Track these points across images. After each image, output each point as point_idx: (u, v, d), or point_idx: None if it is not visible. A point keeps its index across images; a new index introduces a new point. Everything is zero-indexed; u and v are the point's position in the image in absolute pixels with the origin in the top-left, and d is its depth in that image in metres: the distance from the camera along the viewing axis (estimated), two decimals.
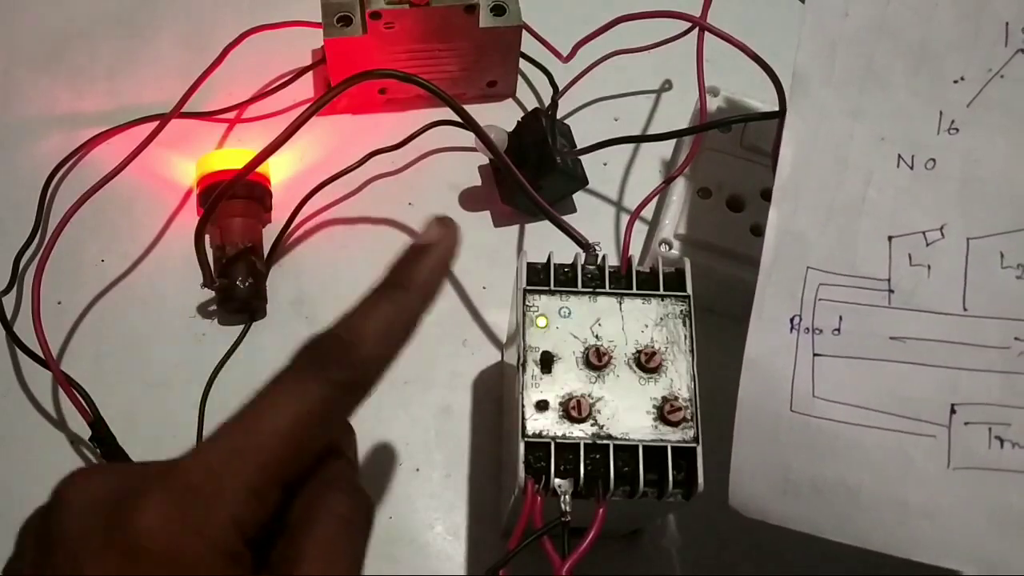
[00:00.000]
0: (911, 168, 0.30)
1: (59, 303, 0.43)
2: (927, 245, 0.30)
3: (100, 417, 0.38)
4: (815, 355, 0.29)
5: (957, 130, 0.30)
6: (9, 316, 0.41)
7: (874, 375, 0.29)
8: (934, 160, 0.30)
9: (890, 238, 0.30)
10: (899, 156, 0.30)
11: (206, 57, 0.46)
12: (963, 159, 0.30)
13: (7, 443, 0.40)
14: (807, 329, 0.29)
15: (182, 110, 0.45)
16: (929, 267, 0.29)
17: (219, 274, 0.42)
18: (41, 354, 0.39)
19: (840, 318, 0.29)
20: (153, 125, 0.45)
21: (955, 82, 0.30)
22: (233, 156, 0.44)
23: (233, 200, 0.42)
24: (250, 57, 0.47)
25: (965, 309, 0.29)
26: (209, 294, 0.43)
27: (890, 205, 0.30)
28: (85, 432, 0.38)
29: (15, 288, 0.42)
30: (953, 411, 0.28)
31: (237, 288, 0.42)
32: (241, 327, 0.43)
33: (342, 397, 0.22)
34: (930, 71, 0.31)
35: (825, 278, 0.30)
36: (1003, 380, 0.28)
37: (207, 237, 0.42)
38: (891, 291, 0.29)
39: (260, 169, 0.41)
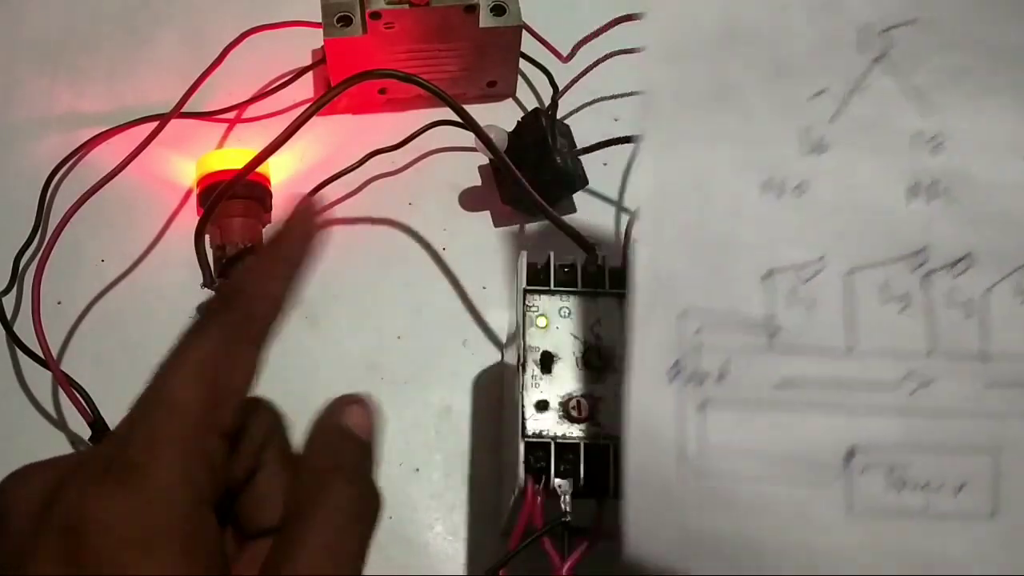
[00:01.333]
0: (780, 195, 0.27)
1: (59, 303, 0.43)
2: (807, 280, 0.27)
3: (100, 417, 0.38)
4: (702, 404, 0.26)
5: (824, 148, 0.27)
6: (9, 316, 0.41)
7: (766, 423, 0.26)
8: (803, 183, 0.27)
9: (770, 272, 0.27)
10: (765, 183, 0.27)
11: (206, 57, 0.46)
12: (834, 181, 0.27)
13: (7, 443, 0.40)
14: (690, 376, 0.26)
15: (182, 110, 0.45)
16: (811, 303, 0.27)
17: (219, 274, 0.42)
18: (41, 354, 0.39)
19: (727, 361, 0.26)
20: (153, 125, 0.45)
21: (817, 95, 0.28)
22: (233, 156, 0.44)
23: (233, 200, 0.42)
24: (250, 57, 0.47)
25: (852, 347, 0.26)
26: (209, 294, 0.43)
27: (763, 237, 0.27)
28: (85, 432, 0.38)
29: (15, 288, 0.42)
30: (851, 455, 0.26)
31: None
32: None
33: (237, 332, 0.23)
34: (789, 83, 0.28)
35: (706, 317, 0.27)
36: (899, 420, 0.26)
37: (207, 237, 0.42)
38: (775, 330, 0.27)
39: (260, 169, 0.41)
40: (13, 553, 0.19)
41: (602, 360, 0.31)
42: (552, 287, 0.32)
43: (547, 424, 0.30)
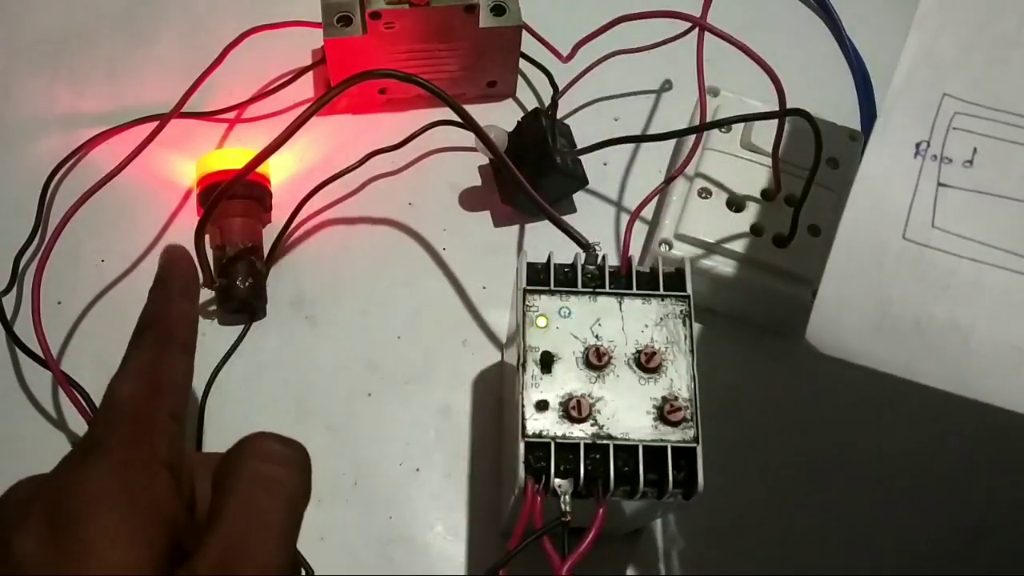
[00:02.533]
0: None
1: (59, 303, 0.43)
2: None
3: None
4: (940, 184, 0.26)
5: None
6: (9, 316, 0.41)
7: (1003, 213, 0.26)
8: None
9: None
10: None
11: (206, 57, 0.46)
12: None
13: (7, 443, 0.40)
14: (935, 156, 0.26)
15: (182, 110, 0.45)
16: None
17: (219, 274, 0.42)
18: (41, 354, 0.39)
19: (974, 150, 0.26)
20: (153, 125, 0.45)
21: None
22: (233, 156, 0.44)
23: (233, 200, 0.42)
24: (250, 57, 0.47)
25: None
26: (209, 294, 0.43)
27: None
28: (85, 432, 0.38)
29: (15, 288, 0.42)
30: None
31: (237, 288, 0.42)
32: (241, 327, 0.43)
33: (164, 340, 0.27)
34: None
35: (963, 107, 0.27)
36: None
37: (207, 237, 0.42)
38: None
39: (260, 169, 0.41)
40: (2, 540, 0.21)
41: (601, 360, 0.31)
42: (552, 287, 0.32)
43: (547, 424, 0.30)
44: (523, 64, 0.49)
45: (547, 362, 0.31)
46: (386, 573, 0.38)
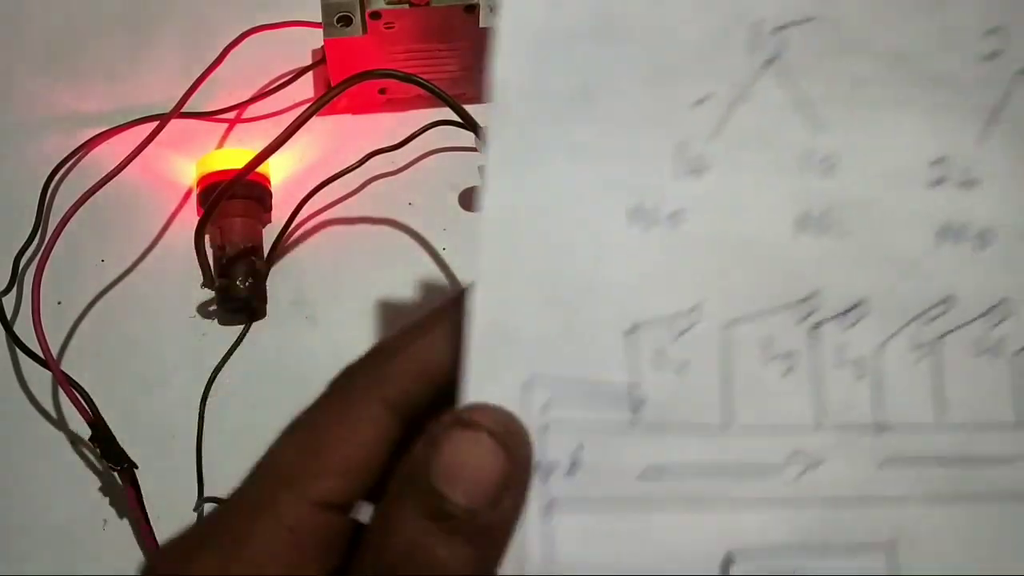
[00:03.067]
0: (650, 226, 0.22)
1: (59, 303, 0.43)
2: (679, 336, 0.22)
3: (100, 417, 0.38)
4: (550, 502, 0.21)
5: (703, 169, 0.23)
6: (9, 316, 0.41)
7: (629, 526, 0.21)
8: (678, 212, 0.22)
9: (635, 326, 0.22)
10: (636, 209, 0.22)
11: (206, 57, 0.46)
12: (713, 209, 0.22)
13: (7, 443, 0.40)
14: (535, 469, 0.21)
15: (182, 110, 0.45)
16: (682, 366, 0.22)
17: (219, 274, 0.42)
18: (41, 354, 0.39)
19: (580, 447, 0.21)
20: (153, 125, 0.45)
21: (698, 103, 0.22)
22: (233, 156, 0.44)
23: (233, 200, 0.42)
24: (250, 57, 0.47)
25: (728, 423, 0.22)
26: (209, 294, 0.43)
27: (628, 280, 0.22)
28: (85, 432, 0.38)
29: (15, 288, 0.42)
30: (730, 562, 0.21)
31: (237, 288, 0.42)
32: (241, 327, 0.43)
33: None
34: (666, 89, 0.22)
35: (555, 388, 0.21)
36: (785, 512, 0.22)
37: (207, 237, 0.42)
38: (638, 403, 0.22)
39: (260, 169, 0.41)
40: None
41: None
42: None
43: None
44: None
45: None
46: None
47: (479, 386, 0.21)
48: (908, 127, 0.23)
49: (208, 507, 0.38)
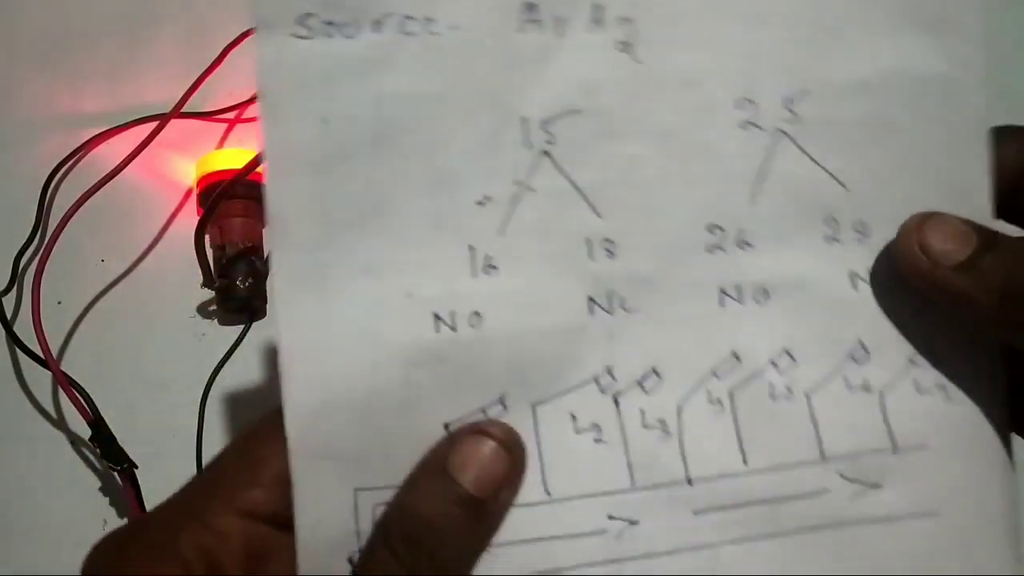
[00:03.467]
0: (453, 330, 0.23)
1: (59, 303, 0.43)
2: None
3: (100, 417, 0.38)
4: None
5: (495, 268, 0.23)
6: (9, 316, 0.41)
7: None
8: (478, 314, 0.23)
9: (446, 426, 0.23)
10: (436, 316, 0.23)
11: (206, 57, 0.46)
12: (509, 304, 0.24)
13: (7, 443, 0.40)
14: None
15: (182, 110, 0.45)
16: None
17: (219, 274, 0.42)
18: (41, 354, 0.39)
19: None
20: (153, 125, 0.45)
21: (480, 204, 0.23)
22: (233, 156, 0.44)
23: (233, 200, 0.42)
24: (250, 57, 0.46)
25: (549, 493, 0.23)
26: (209, 294, 0.43)
27: (437, 384, 0.23)
28: (85, 432, 0.38)
29: (15, 288, 0.42)
30: None
31: (237, 288, 0.42)
32: (241, 327, 0.43)
33: None
34: (448, 193, 0.23)
35: (384, 495, 0.22)
36: (608, 572, 0.23)
37: (207, 237, 0.42)
38: None
39: (260, 169, 0.41)
40: None
41: None
42: None
43: None
44: None
45: None
46: None
47: (310, 504, 0.22)
48: (681, 200, 0.24)
49: None
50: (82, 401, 0.38)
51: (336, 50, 0.22)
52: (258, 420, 0.23)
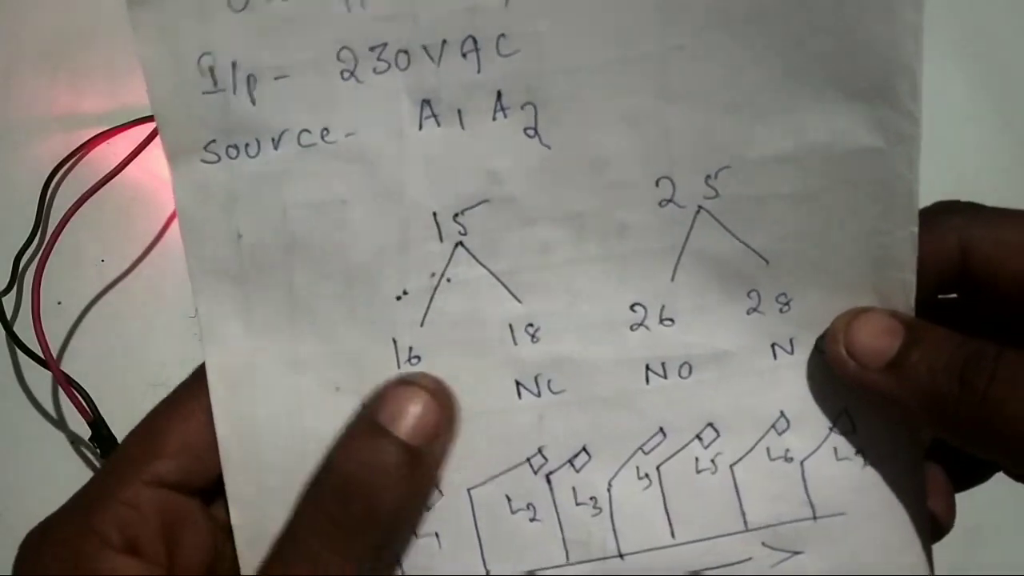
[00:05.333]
0: None
1: (59, 303, 0.43)
2: (428, 510, 0.25)
3: (100, 417, 0.38)
4: None
5: (419, 358, 0.24)
6: (9, 316, 0.41)
7: None
8: None
9: None
10: (364, 408, 0.24)
11: None
12: None
13: (7, 443, 0.40)
14: None
15: None
16: (437, 535, 0.25)
17: None
18: (41, 354, 0.39)
19: None
20: (153, 125, 0.45)
21: (399, 298, 0.24)
22: None
23: None
24: None
25: (488, 571, 0.24)
26: None
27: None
28: (85, 432, 0.38)
29: (15, 288, 0.42)
30: None
31: None
32: None
33: None
34: (366, 290, 0.24)
35: None
36: None
37: None
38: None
39: None
40: None
41: None
42: None
43: None
44: None
45: None
46: None
47: None
48: (600, 281, 0.24)
49: None
50: (82, 401, 0.38)
51: (241, 170, 0.24)
52: (161, 401, 0.25)
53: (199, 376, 0.25)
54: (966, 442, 0.23)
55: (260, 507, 0.24)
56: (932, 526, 0.25)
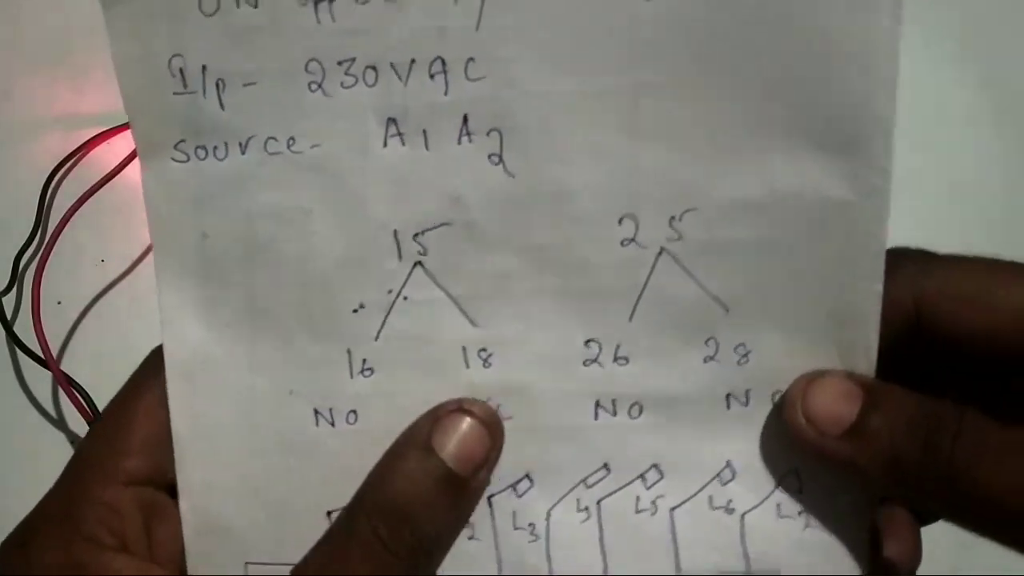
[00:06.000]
0: (332, 425, 0.25)
1: (59, 303, 0.43)
2: None
3: (100, 417, 0.38)
4: None
5: (372, 370, 0.25)
6: (9, 316, 0.41)
7: None
8: (355, 412, 0.25)
9: (328, 514, 0.25)
10: (316, 412, 0.25)
11: None
12: (384, 406, 0.25)
13: (7, 443, 0.40)
14: None
15: None
16: None
17: None
18: (41, 354, 0.39)
19: None
20: None
21: (355, 311, 0.24)
22: None
23: None
24: None
25: None
26: None
27: (315, 474, 0.25)
28: (85, 432, 0.38)
29: (15, 288, 0.42)
30: None
31: None
32: None
33: None
34: (324, 300, 0.24)
35: (269, 571, 0.25)
36: None
37: None
38: None
39: None
40: None
41: None
42: None
43: None
44: None
45: None
46: None
47: (203, 572, 0.25)
48: (556, 314, 0.24)
49: None
50: (82, 401, 0.38)
51: (209, 171, 0.24)
52: (112, 401, 0.25)
53: (150, 369, 0.25)
54: (931, 506, 0.22)
55: (209, 499, 0.25)
56: (894, 570, 0.24)
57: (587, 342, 0.24)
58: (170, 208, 0.25)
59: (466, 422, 0.23)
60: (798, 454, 0.24)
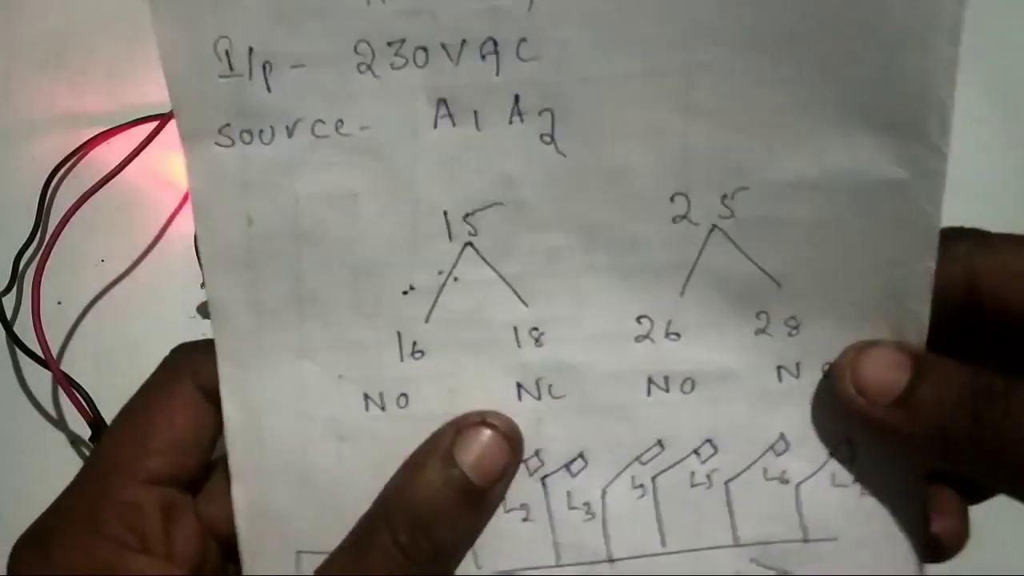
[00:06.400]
0: (383, 409, 0.25)
1: (59, 303, 0.43)
2: None
3: (100, 417, 0.38)
4: None
5: (422, 353, 0.25)
6: (9, 316, 0.41)
7: None
8: (406, 396, 0.25)
9: None
10: (365, 396, 0.25)
11: None
12: (436, 388, 0.25)
13: (7, 443, 0.40)
14: None
15: None
16: None
17: None
18: (41, 354, 0.39)
19: None
20: (153, 125, 0.45)
21: (405, 293, 0.24)
22: None
23: None
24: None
25: (479, 568, 0.25)
26: None
27: (368, 459, 0.24)
28: (85, 432, 0.38)
29: (15, 288, 0.42)
30: None
31: None
32: None
33: None
34: (374, 283, 0.24)
35: (320, 561, 0.24)
36: None
37: None
38: None
39: None
40: None
41: None
42: None
43: None
44: None
45: None
46: None
47: (255, 560, 0.25)
48: (608, 291, 0.24)
49: None
50: (82, 401, 0.38)
51: (255, 155, 0.24)
52: (135, 397, 0.25)
53: (170, 369, 0.25)
54: (978, 476, 0.23)
55: (261, 486, 0.25)
56: (940, 547, 0.25)
57: (639, 319, 0.25)
58: (215, 194, 0.24)
59: (487, 435, 0.23)
60: (850, 424, 0.24)
